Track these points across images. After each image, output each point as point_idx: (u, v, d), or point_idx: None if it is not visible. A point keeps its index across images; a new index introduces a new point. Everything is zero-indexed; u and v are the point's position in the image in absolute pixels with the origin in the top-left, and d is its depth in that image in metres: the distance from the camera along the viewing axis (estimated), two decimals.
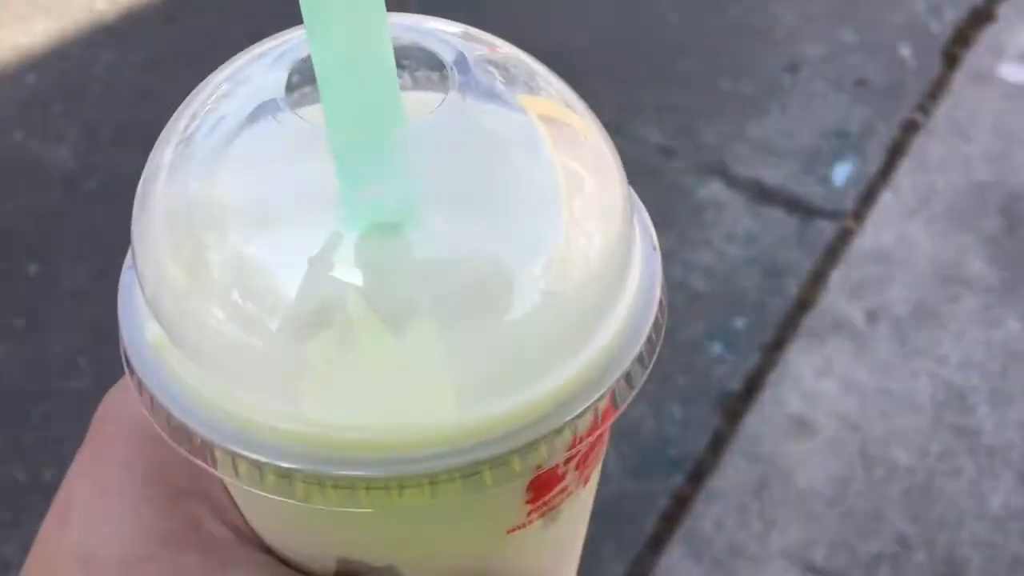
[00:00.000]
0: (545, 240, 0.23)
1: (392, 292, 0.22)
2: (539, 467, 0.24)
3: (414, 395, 0.22)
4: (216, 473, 0.23)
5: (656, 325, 0.25)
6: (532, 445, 0.22)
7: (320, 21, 0.21)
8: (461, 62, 0.24)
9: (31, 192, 1.56)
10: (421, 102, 0.24)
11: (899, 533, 1.13)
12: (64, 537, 0.26)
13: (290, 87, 0.24)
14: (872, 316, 1.34)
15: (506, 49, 0.26)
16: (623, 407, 0.24)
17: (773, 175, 1.52)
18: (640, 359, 0.24)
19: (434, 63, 0.25)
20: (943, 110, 1.64)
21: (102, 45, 1.78)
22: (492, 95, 0.24)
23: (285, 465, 0.22)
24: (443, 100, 0.23)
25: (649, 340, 0.25)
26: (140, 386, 0.24)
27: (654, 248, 0.26)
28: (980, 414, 1.24)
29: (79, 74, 1.73)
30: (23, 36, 1.80)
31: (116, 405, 0.27)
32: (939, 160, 1.56)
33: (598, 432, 0.24)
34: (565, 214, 0.23)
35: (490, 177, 0.24)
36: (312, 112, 0.23)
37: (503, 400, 0.22)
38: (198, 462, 0.23)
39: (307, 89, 0.24)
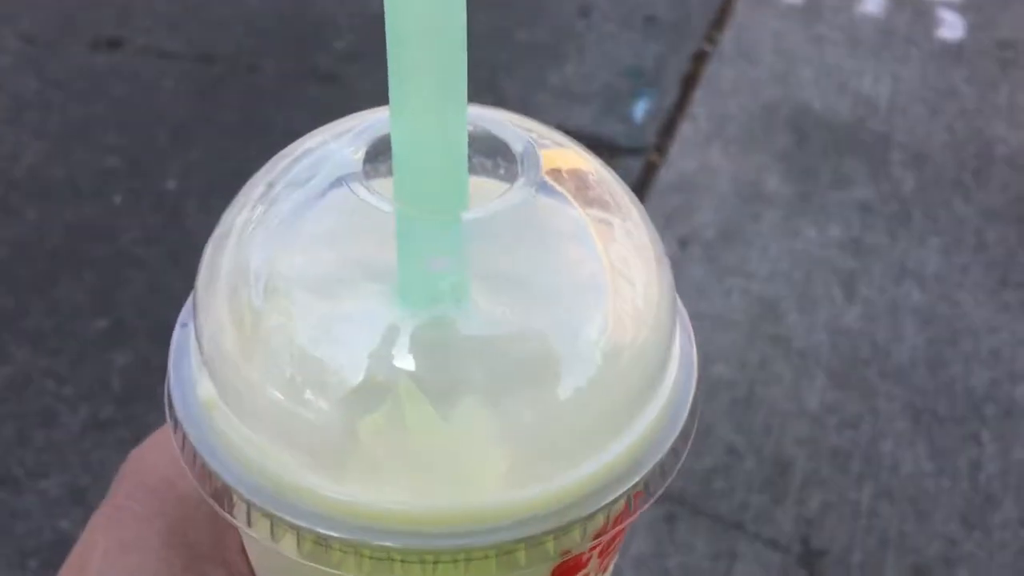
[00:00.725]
0: (590, 329, 0.24)
1: (442, 373, 0.23)
2: (568, 551, 0.24)
3: (455, 474, 0.23)
4: (251, 533, 0.23)
5: (692, 415, 0.26)
6: (567, 528, 0.23)
7: (407, 103, 0.23)
8: (529, 154, 0.25)
9: None
10: (483, 187, 0.25)
11: (728, 444, 1.19)
12: None
13: (366, 160, 0.25)
14: (684, 243, 1.40)
15: (567, 144, 0.27)
16: (655, 496, 0.25)
17: (578, 119, 1.56)
18: (674, 450, 0.25)
19: (498, 152, 0.26)
20: (728, 37, 1.71)
21: None
22: (551, 190, 0.25)
23: (323, 531, 0.23)
24: (508, 189, 0.24)
25: (683, 432, 0.25)
26: (184, 440, 0.24)
27: (690, 340, 0.27)
28: (790, 321, 1.31)
29: None
30: None
31: (140, 464, 0.27)
32: (730, 86, 1.63)
33: (629, 520, 0.25)
34: (611, 304, 0.24)
35: (542, 265, 0.25)
36: (384, 185, 0.24)
37: (541, 484, 0.23)
38: (233, 521, 0.24)
39: (381, 165, 0.25)
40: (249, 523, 0.23)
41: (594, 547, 0.25)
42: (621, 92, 1.61)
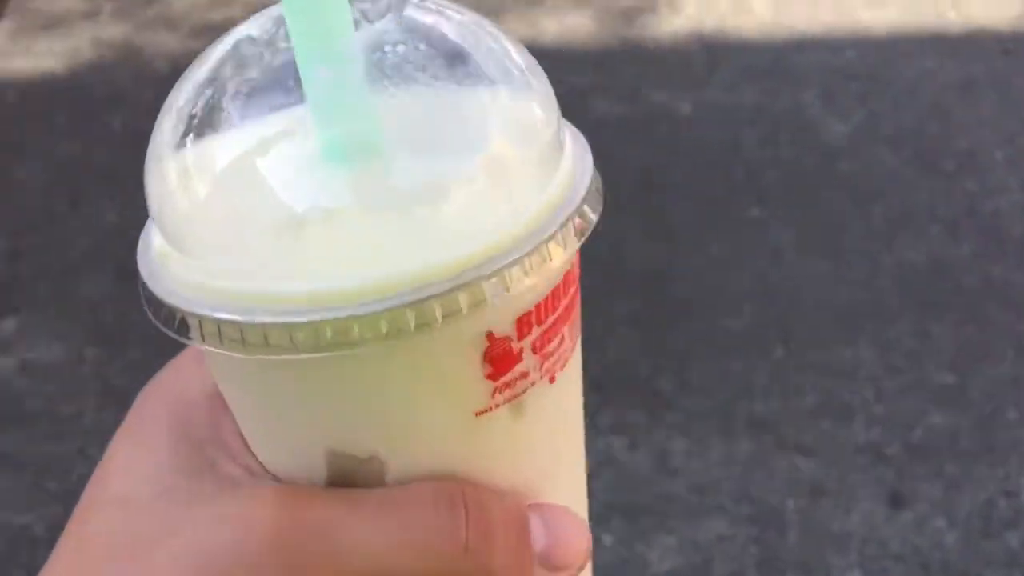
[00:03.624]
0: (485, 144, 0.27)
1: (364, 185, 0.26)
2: (490, 332, 0.27)
3: (369, 254, 0.25)
4: (203, 347, 0.26)
5: (594, 194, 0.28)
6: (474, 283, 0.25)
7: None
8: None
9: None
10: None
11: None
12: (105, 490, 0.29)
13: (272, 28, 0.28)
14: None
15: None
16: (559, 262, 0.27)
17: None
18: (580, 213, 0.27)
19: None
20: None
21: None
22: (426, 15, 0.28)
23: (259, 320, 0.25)
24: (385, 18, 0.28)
25: (592, 193, 0.28)
26: (143, 289, 0.28)
27: (585, 149, 0.30)
28: None
29: None
30: None
31: (153, 385, 0.32)
32: None
33: (539, 294, 0.27)
34: (497, 127, 0.28)
35: (427, 64, 0.27)
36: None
37: (448, 251, 0.25)
38: (183, 340, 0.27)
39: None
40: (202, 338, 0.26)
41: (521, 333, 0.27)
42: None
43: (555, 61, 1.73)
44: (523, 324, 0.27)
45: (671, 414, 1.33)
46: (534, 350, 0.28)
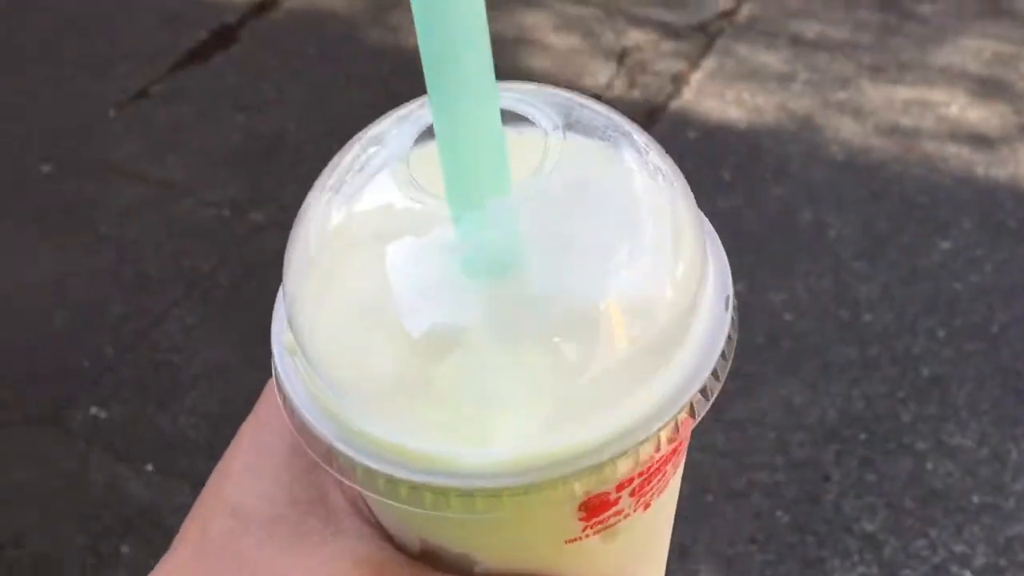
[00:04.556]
0: (626, 281, 0.27)
1: (504, 324, 0.26)
2: (587, 493, 0.27)
3: (508, 420, 0.26)
4: (332, 472, 0.28)
5: (713, 378, 0.28)
6: (577, 475, 0.26)
7: (441, 97, 0.26)
8: (555, 127, 0.28)
9: None
10: (522, 140, 0.28)
11: None
12: (223, 487, 0.31)
13: (419, 141, 0.29)
14: None
15: (596, 107, 0.30)
16: (667, 450, 0.27)
17: None
18: (690, 410, 0.27)
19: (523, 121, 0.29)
20: None
21: None
22: (582, 158, 0.28)
23: (393, 474, 0.26)
24: (540, 165, 0.27)
25: (702, 392, 0.27)
26: (278, 383, 0.29)
27: (726, 307, 0.29)
28: None
29: None
30: None
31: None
32: None
33: (641, 469, 0.27)
34: (646, 254, 0.28)
35: (581, 229, 0.27)
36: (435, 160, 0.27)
37: (564, 434, 0.26)
38: (311, 453, 0.28)
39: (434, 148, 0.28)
40: (342, 474, 0.27)
41: (622, 486, 0.28)
42: None
43: None
44: (626, 483, 0.28)
45: None
46: (632, 494, 0.29)
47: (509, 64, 2.20)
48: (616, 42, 2.28)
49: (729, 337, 0.28)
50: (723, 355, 0.28)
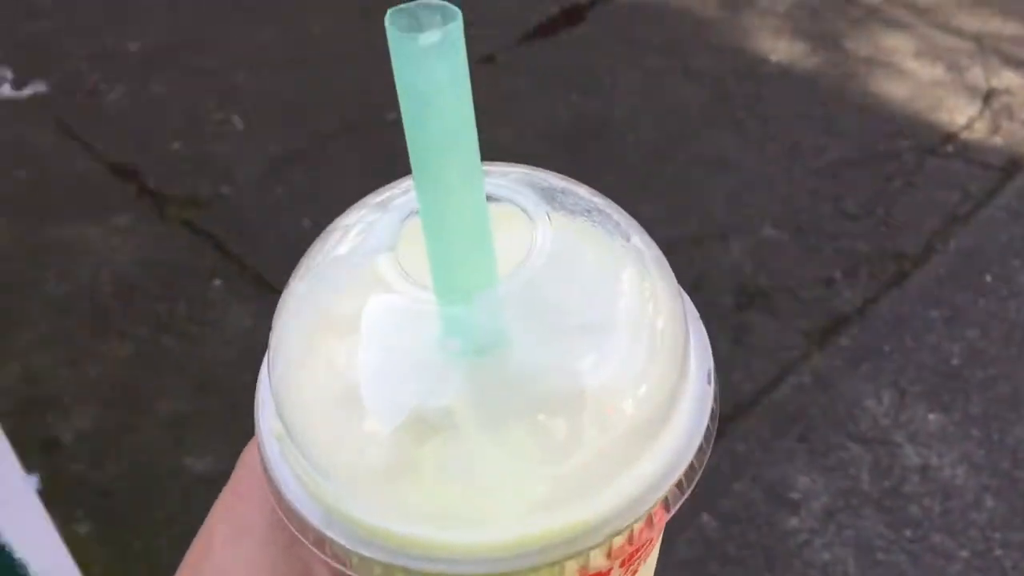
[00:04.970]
0: (611, 361, 0.28)
1: (491, 405, 0.27)
2: (583, 570, 0.28)
3: (506, 501, 0.27)
4: (325, 559, 0.28)
5: (700, 453, 0.28)
6: (573, 556, 0.27)
7: (426, 188, 0.26)
8: (541, 216, 0.29)
9: None
10: (506, 215, 0.29)
11: None
12: (204, 568, 0.30)
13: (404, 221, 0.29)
14: None
15: (578, 190, 0.31)
16: (673, 511, 0.28)
17: None
18: (679, 485, 0.28)
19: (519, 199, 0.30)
20: None
21: None
22: (567, 243, 0.29)
23: (390, 561, 0.27)
24: (527, 255, 0.28)
25: (691, 467, 0.28)
26: (266, 468, 0.29)
27: (708, 381, 0.30)
28: None
29: None
30: None
31: (254, 452, 0.31)
32: None
33: (635, 546, 0.28)
34: (630, 333, 0.28)
35: (566, 313, 0.28)
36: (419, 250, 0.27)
37: (558, 516, 0.27)
38: (302, 539, 0.28)
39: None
40: (336, 559, 0.28)
41: (614, 559, 0.28)
42: None
43: None
44: (617, 554, 0.28)
45: None
46: (623, 564, 0.29)
47: (859, 86, 2.07)
48: (984, 80, 2.08)
49: (712, 410, 0.29)
50: (708, 427, 0.29)
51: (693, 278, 1.71)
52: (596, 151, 1.98)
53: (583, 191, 0.31)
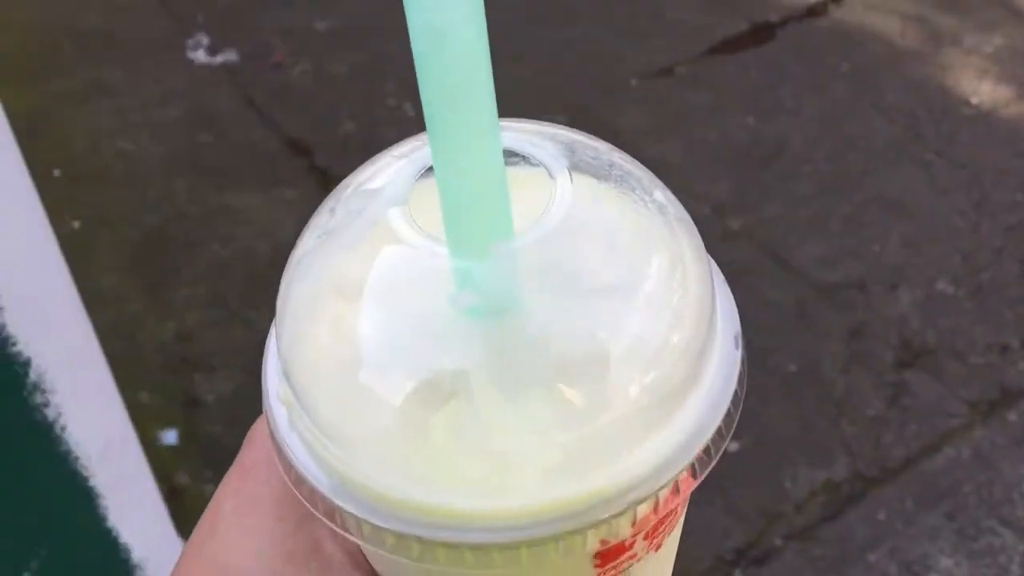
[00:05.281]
0: (635, 324, 0.26)
1: (506, 368, 0.26)
2: (604, 541, 0.27)
3: (520, 469, 0.25)
4: (335, 528, 0.27)
5: (728, 419, 0.27)
6: (596, 524, 0.26)
7: (442, 143, 0.25)
8: (562, 171, 0.28)
9: None
10: (526, 178, 0.28)
11: None
12: (210, 545, 0.30)
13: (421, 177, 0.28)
14: None
15: (599, 145, 0.30)
16: (700, 479, 0.27)
17: None
18: (707, 451, 0.27)
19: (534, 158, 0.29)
20: None
21: None
22: (586, 199, 0.28)
23: (403, 531, 0.26)
24: (545, 209, 0.27)
25: (718, 433, 0.27)
26: (274, 435, 0.28)
27: (736, 345, 0.28)
28: None
29: None
30: None
31: (263, 430, 0.30)
32: None
33: (659, 515, 0.27)
34: (652, 296, 0.27)
35: (585, 271, 0.27)
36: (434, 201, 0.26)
37: (580, 483, 0.25)
38: (312, 510, 0.27)
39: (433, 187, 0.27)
40: (348, 531, 0.27)
41: (638, 530, 0.27)
42: None
43: None
44: (641, 526, 0.27)
45: None
46: (646, 537, 0.29)
47: None
48: None
49: (741, 374, 0.28)
50: (736, 392, 0.28)
51: (854, 325, 1.61)
52: (767, 178, 1.90)
53: (603, 146, 0.30)
